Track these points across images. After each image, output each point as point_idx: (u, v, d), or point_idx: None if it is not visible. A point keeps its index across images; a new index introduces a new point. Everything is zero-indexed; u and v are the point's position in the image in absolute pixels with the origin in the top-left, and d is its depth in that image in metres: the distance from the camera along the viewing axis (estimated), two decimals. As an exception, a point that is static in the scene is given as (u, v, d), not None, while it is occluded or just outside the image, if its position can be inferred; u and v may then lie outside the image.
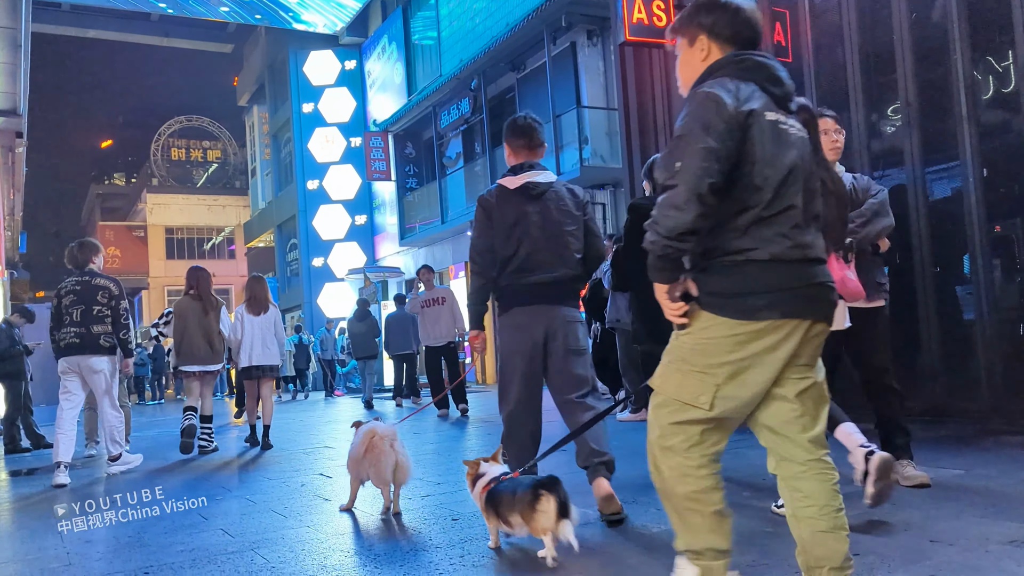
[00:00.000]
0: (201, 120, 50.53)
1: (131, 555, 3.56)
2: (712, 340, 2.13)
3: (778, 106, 2.21)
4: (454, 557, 3.15)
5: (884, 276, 4.16)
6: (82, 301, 6.31)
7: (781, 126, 2.17)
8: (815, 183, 2.23)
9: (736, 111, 2.09)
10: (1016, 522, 3.08)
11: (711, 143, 2.06)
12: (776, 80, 2.25)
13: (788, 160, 2.14)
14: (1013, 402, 5.77)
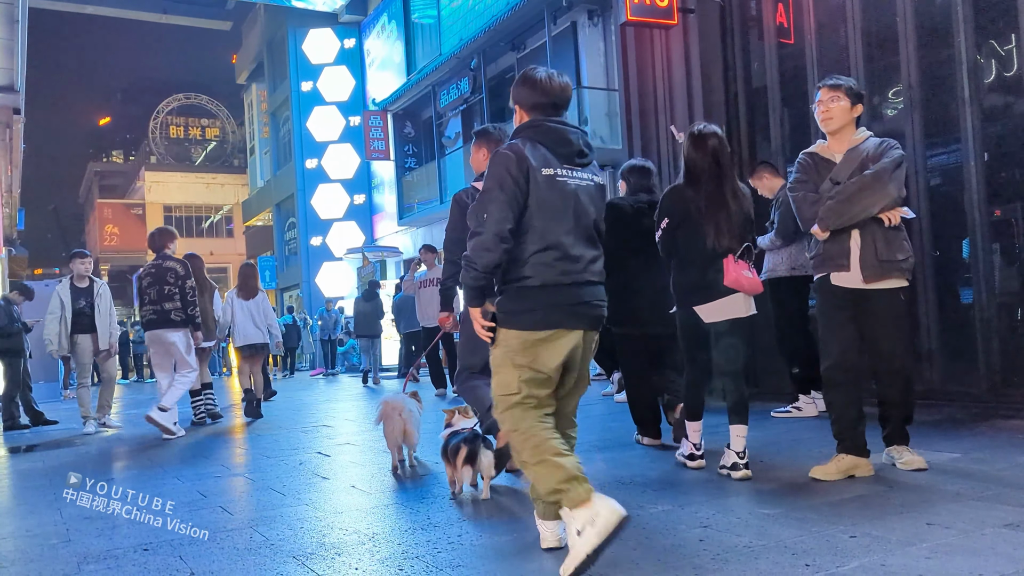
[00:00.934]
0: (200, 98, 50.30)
1: (130, 531, 3.58)
2: (510, 347, 2.77)
3: (563, 162, 2.83)
4: (452, 536, 3.16)
5: (900, 253, 3.79)
6: (157, 282, 7.29)
7: (558, 179, 2.79)
8: (595, 216, 2.91)
9: (522, 169, 2.73)
10: (1012, 506, 3.10)
11: (505, 196, 2.70)
12: (564, 141, 2.85)
13: (555, 209, 2.76)
14: (1011, 386, 5.79)
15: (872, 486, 3.56)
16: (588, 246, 2.86)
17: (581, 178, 2.88)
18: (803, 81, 7.21)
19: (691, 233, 4.08)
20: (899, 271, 3.80)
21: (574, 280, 2.79)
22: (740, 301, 4.08)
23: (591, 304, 2.85)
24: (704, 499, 3.51)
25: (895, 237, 3.79)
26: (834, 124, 3.95)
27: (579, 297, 2.80)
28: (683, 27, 7.76)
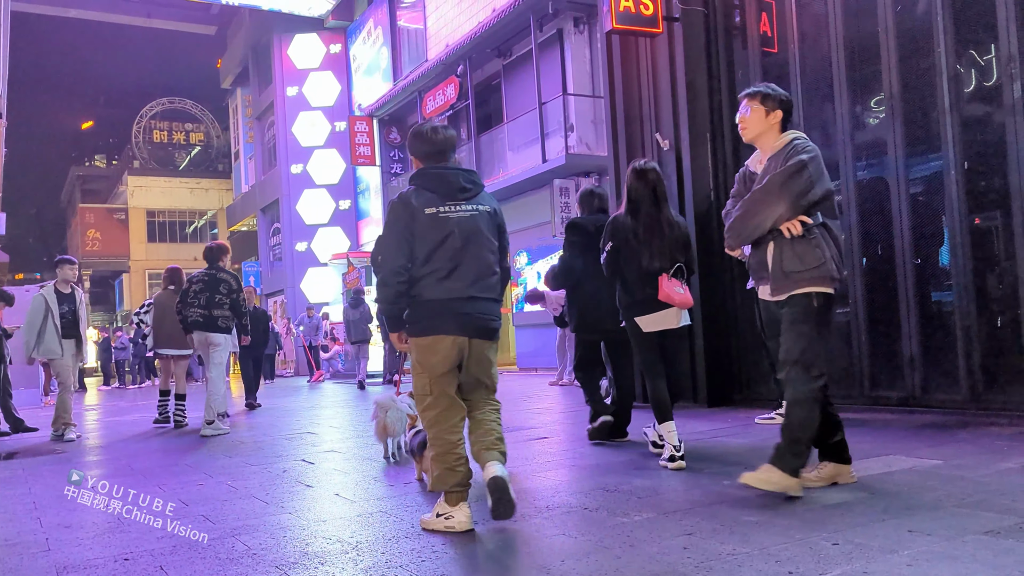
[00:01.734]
0: (184, 102, 50.00)
1: (111, 540, 3.55)
2: (415, 353, 3.43)
3: (446, 200, 3.45)
4: (436, 545, 3.15)
5: (810, 262, 3.57)
6: (208, 289, 7.99)
7: (440, 215, 3.42)
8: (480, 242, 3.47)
9: (408, 213, 3.41)
10: (993, 512, 3.12)
11: (395, 239, 3.40)
12: (445, 183, 3.49)
13: (439, 239, 3.39)
14: (991, 393, 5.84)
15: (855, 493, 3.58)
16: (473, 267, 3.44)
17: (464, 210, 3.48)
18: (786, 89, 7.21)
19: (631, 255, 4.74)
20: (808, 280, 3.60)
21: (456, 296, 3.40)
22: (673, 314, 4.75)
23: (473, 316, 3.42)
24: (688, 506, 3.51)
25: (804, 247, 3.59)
26: (749, 133, 3.88)
27: (460, 309, 3.40)
28: (668, 35, 7.80)
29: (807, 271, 3.59)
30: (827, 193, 3.65)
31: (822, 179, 3.63)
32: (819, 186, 3.60)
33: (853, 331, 6.67)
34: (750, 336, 7.59)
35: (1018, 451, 4.38)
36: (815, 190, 3.59)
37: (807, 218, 3.60)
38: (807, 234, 3.59)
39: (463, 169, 3.60)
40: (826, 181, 3.65)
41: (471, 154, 17.74)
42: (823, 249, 3.59)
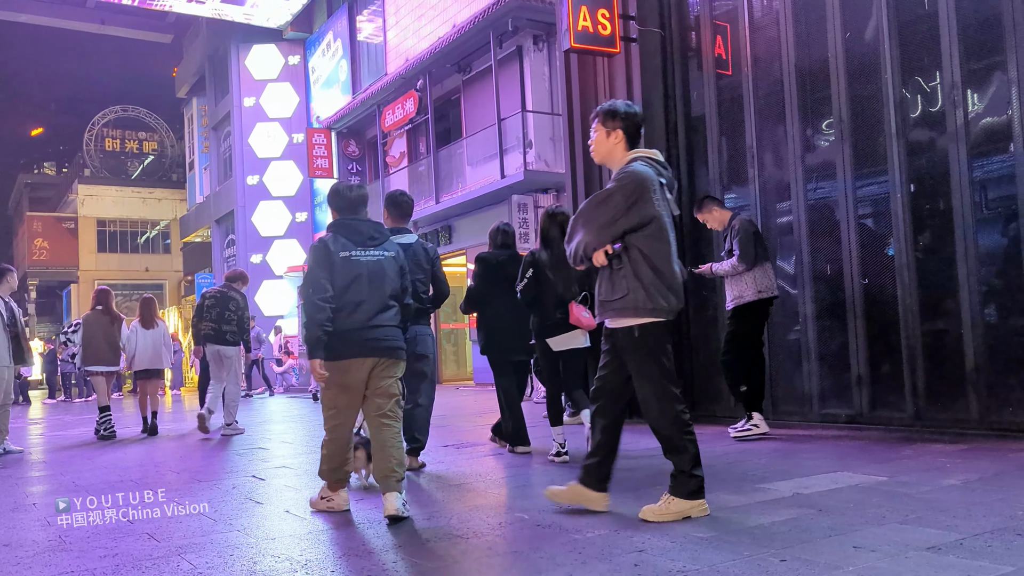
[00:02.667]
0: (138, 111, 49.16)
1: (51, 559, 3.45)
2: (327, 373, 4.01)
3: (357, 246, 4.13)
4: (387, 563, 3.13)
5: (616, 292, 3.63)
6: (218, 305, 8.89)
7: (351, 259, 4.09)
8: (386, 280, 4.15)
9: (328, 254, 4.07)
10: (935, 528, 3.19)
11: (320, 275, 4.03)
12: (356, 232, 4.17)
13: (350, 278, 4.05)
14: (935, 411, 5.98)
15: (803, 510, 3.64)
16: (376, 302, 4.10)
17: (372, 255, 4.16)
18: (740, 111, 7.39)
19: (546, 284, 5.48)
20: (617, 311, 3.64)
21: (362, 325, 4.04)
22: (579, 335, 5.63)
23: (378, 339, 4.08)
24: (640, 523, 3.53)
25: (617, 276, 3.63)
26: (597, 157, 3.86)
27: (367, 336, 4.05)
28: (625, 56, 7.90)
29: (616, 300, 3.63)
30: (646, 219, 3.58)
31: (641, 206, 3.57)
32: (634, 213, 3.57)
33: (803, 350, 6.79)
34: (704, 354, 7.68)
35: (960, 468, 4.50)
36: (627, 217, 3.57)
37: (610, 247, 3.62)
38: (614, 263, 3.63)
39: (372, 221, 4.32)
40: (648, 207, 3.57)
41: (429, 168, 17.74)
42: (630, 279, 3.59)
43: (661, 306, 3.59)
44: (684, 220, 7.83)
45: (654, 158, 3.73)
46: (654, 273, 3.58)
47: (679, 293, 3.65)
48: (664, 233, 3.61)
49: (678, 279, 3.65)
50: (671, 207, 3.73)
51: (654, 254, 3.59)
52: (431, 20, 18.37)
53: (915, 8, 6.23)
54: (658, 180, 3.65)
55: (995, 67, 5.78)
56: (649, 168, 3.65)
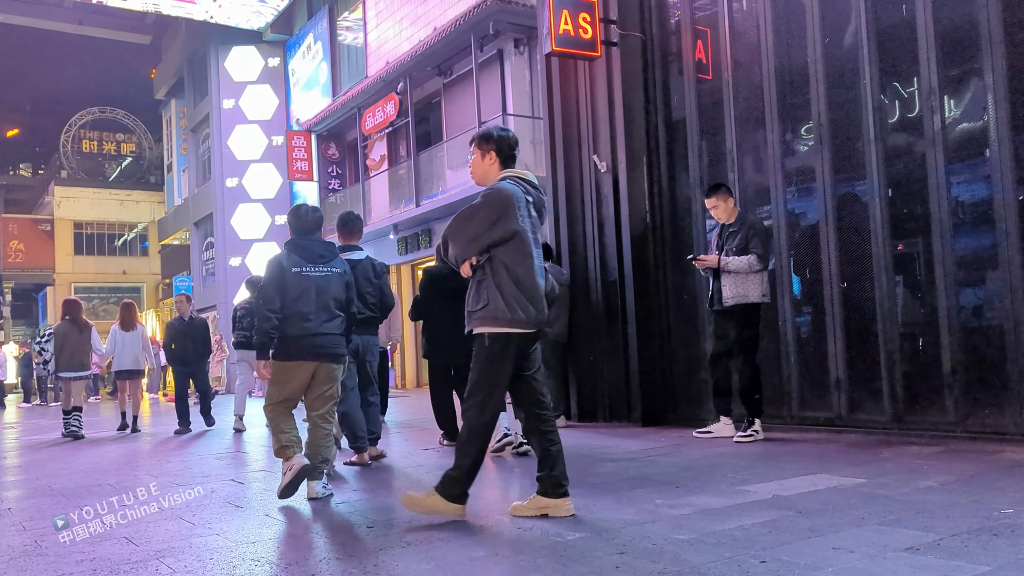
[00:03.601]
0: (115, 112, 48.68)
1: (27, 565, 3.40)
2: (274, 371, 4.71)
3: (308, 262, 4.77)
4: (368, 567, 3.11)
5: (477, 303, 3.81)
6: (248, 315, 9.49)
7: (302, 274, 4.73)
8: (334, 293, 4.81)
9: (282, 269, 4.72)
10: (912, 529, 3.22)
11: (271, 288, 4.68)
12: (308, 251, 4.82)
13: (300, 290, 4.69)
14: (913, 414, 6.04)
15: (782, 512, 3.66)
16: (323, 312, 4.72)
17: (321, 271, 4.79)
18: (720, 115, 7.44)
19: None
20: (478, 320, 3.80)
21: (309, 332, 4.66)
22: None
23: (323, 346, 4.71)
24: (621, 526, 3.54)
25: (479, 287, 3.81)
26: (475, 177, 4.04)
27: (312, 342, 4.67)
28: (606, 59, 7.93)
29: (478, 310, 3.80)
30: (509, 234, 3.75)
31: (505, 221, 3.74)
32: (498, 228, 3.73)
33: (782, 353, 6.84)
34: (684, 356, 7.72)
35: (937, 470, 4.54)
36: (491, 232, 3.73)
37: (474, 259, 3.81)
38: (478, 274, 3.81)
39: (323, 241, 5.00)
40: (511, 223, 3.74)
41: (410, 172, 17.70)
42: (491, 290, 3.75)
43: (520, 317, 3.74)
44: (663, 222, 7.87)
45: (524, 178, 3.93)
46: (515, 285, 3.74)
47: (540, 305, 3.79)
48: (526, 247, 3.79)
49: (539, 291, 3.79)
50: (535, 224, 3.90)
51: (516, 267, 3.76)
52: (412, 23, 18.35)
53: (893, 14, 6.30)
54: (525, 198, 3.84)
55: (971, 73, 5.86)
56: (516, 187, 3.86)
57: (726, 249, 6.23)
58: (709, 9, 7.75)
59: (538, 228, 3.91)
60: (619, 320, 7.85)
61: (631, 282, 7.73)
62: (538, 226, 3.92)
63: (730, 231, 6.28)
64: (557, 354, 8.06)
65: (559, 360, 8.09)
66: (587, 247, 8.22)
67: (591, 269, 8.16)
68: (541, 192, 4.00)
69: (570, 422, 8.05)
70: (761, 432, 6.13)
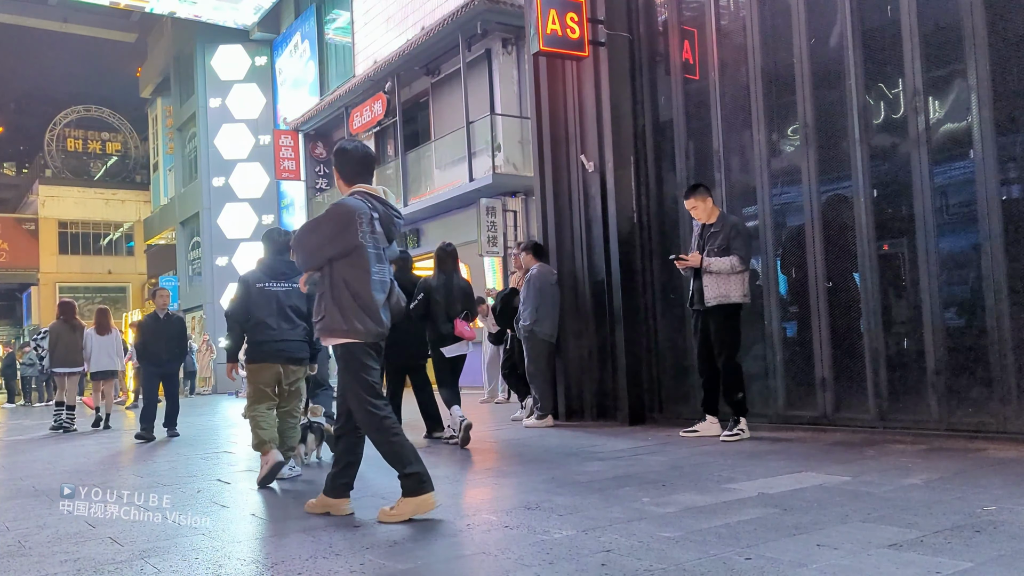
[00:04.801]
0: (101, 111, 48.38)
1: (10, 565, 3.38)
2: (249, 373, 5.49)
3: (271, 278, 5.52)
4: (354, 565, 3.11)
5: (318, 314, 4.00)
6: None
7: (266, 289, 5.48)
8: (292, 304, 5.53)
9: (248, 286, 5.48)
10: (896, 526, 3.25)
11: (239, 304, 5.50)
12: (272, 270, 5.56)
13: (264, 303, 5.43)
14: (896, 412, 6.08)
15: (768, 509, 3.68)
16: (284, 321, 5.48)
17: (281, 286, 5.53)
18: (707, 115, 7.47)
19: (437, 305, 6.92)
20: (319, 331, 4.02)
21: (272, 338, 5.44)
22: (463, 345, 7.05)
23: (284, 350, 5.48)
24: (607, 524, 3.55)
25: (320, 299, 3.99)
26: (340, 190, 4.21)
27: (275, 347, 5.44)
28: (594, 59, 7.95)
29: (319, 321, 3.98)
30: (350, 248, 3.88)
31: (345, 235, 3.88)
32: (339, 241, 3.89)
33: (768, 352, 6.87)
34: (670, 356, 7.74)
35: (921, 468, 4.57)
36: (332, 244, 3.90)
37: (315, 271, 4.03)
38: (318, 286, 3.99)
39: (287, 260, 5.50)
40: (352, 237, 3.87)
41: (398, 171, 17.67)
42: (328, 302, 3.92)
43: (357, 329, 3.88)
44: (650, 221, 7.89)
45: (371, 193, 4.06)
46: (353, 298, 3.88)
47: (377, 317, 3.92)
48: (365, 261, 3.91)
49: (376, 305, 3.92)
50: (379, 240, 4.01)
51: (355, 280, 3.89)
52: (400, 22, 18.33)
53: (878, 16, 6.34)
54: (370, 213, 3.96)
55: (955, 74, 5.90)
56: (362, 202, 3.98)
57: (708, 249, 6.26)
58: (696, 10, 7.77)
59: (382, 243, 4.03)
60: (606, 319, 7.86)
61: (618, 281, 7.75)
62: (382, 241, 4.03)
63: (712, 231, 6.31)
64: (546, 354, 8.07)
65: (547, 360, 8.10)
66: (574, 247, 8.24)
67: (578, 269, 8.17)
68: (392, 208, 4.12)
69: (557, 421, 8.06)
70: (747, 431, 6.16)
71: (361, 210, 3.93)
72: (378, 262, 3.96)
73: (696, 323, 6.47)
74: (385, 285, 4.00)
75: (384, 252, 4.03)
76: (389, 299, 4.02)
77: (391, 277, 4.09)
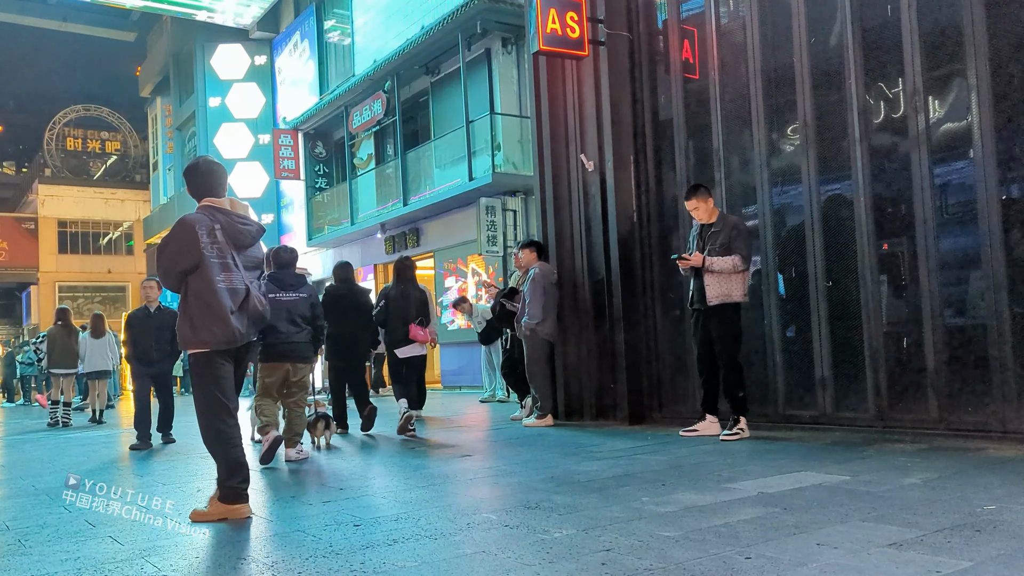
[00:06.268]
0: (100, 110, 48.36)
1: (11, 564, 3.38)
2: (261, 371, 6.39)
3: (281, 289, 6.33)
4: (354, 564, 3.11)
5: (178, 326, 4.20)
6: None
7: (277, 298, 6.10)
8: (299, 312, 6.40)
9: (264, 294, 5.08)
10: (896, 526, 3.25)
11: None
12: (283, 283, 6.39)
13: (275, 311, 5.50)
14: (896, 412, 6.08)
15: (767, 509, 3.68)
16: (291, 326, 6.31)
17: (289, 296, 6.39)
18: (707, 115, 7.47)
19: (394, 310, 7.87)
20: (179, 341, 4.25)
21: (282, 341, 6.27)
22: (417, 347, 7.94)
23: (291, 353, 6.35)
24: (608, 523, 3.55)
25: (178, 311, 4.25)
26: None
27: (285, 348, 6.31)
28: (594, 59, 7.95)
29: (178, 333, 4.20)
30: (195, 262, 4.05)
31: (188, 250, 4.06)
32: (184, 257, 4.07)
33: (768, 352, 6.87)
34: (670, 355, 7.74)
35: (920, 467, 4.58)
36: (179, 261, 4.07)
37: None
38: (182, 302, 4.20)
39: (294, 273, 6.62)
40: (195, 250, 4.04)
41: (397, 171, 17.66)
42: (181, 315, 4.15)
43: (204, 339, 4.08)
44: (649, 221, 7.89)
45: (216, 206, 4.23)
46: (202, 308, 4.06)
47: (226, 324, 4.07)
48: (209, 272, 4.06)
49: (225, 312, 4.06)
50: (224, 249, 4.14)
51: (203, 291, 4.06)
52: (399, 21, 18.31)
53: (878, 16, 6.34)
54: (211, 225, 4.12)
55: (955, 74, 5.90)
56: (203, 216, 4.16)
57: (709, 249, 6.27)
58: (696, 9, 7.77)
59: (228, 253, 4.15)
60: (605, 319, 7.87)
61: (618, 281, 7.75)
62: (228, 251, 4.15)
63: (712, 231, 6.32)
64: (546, 353, 8.08)
65: (547, 359, 8.10)
66: (574, 246, 8.24)
67: (578, 268, 8.18)
68: (237, 217, 4.25)
69: (557, 420, 8.06)
70: (747, 430, 6.16)
71: (201, 223, 4.10)
72: (224, 271, 4.11)
73: (696, 322, 6.48)
74: (237, 292, 4.14)
75: (234, 260, 4.16)
76: (245, 305, 4.16)
77: (246, 284, 4.20)
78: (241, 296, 4.15)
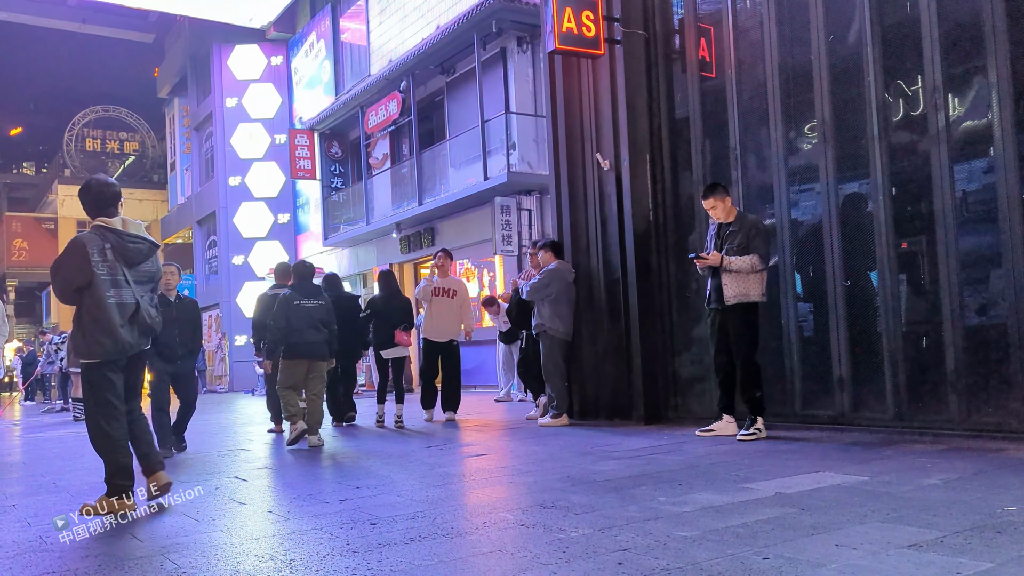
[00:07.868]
0: (118, 111, 48.73)
1: (32, 560, 3.42)
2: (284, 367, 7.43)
3: (304, 297, 7.40)
4: (371, 562, 3.12)
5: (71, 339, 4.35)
6: None
7: (301, 305, 7.33)
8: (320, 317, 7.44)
9: (287, 302, 7.37)
10: (915, 527, 3.22)
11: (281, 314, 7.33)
12: (305, 290, 7.50)
13: (298, 315, 7.29)
14: (915, 412, 6.03)
15: (785, 509, 3.66)
16: (312, 329, 7.28)
17: (311, 303, 7.36)
18: (724, 113, 7.43)
19: (380, 318, 9.08)
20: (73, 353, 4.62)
21: (304, 341, 7.26)
22: (401, 349, 9.06)
23: (312, 351, 7.33)
24: (624, 523, 3.54)
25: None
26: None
27: (306, 348, 7.28)
28: (610, 57, 7.93)
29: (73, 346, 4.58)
30: (87, 279, 4.28)
31: (80, 268, 4.29)
32: (76, 275, 4.31)
33: (785, 351, 6.83)
34: (686, 355, 7.72)
35: (940, 468, 4.54)
36: (72, 279, 4.34)
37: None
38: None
39: (314, 284, 7.67)
40: (86, 267, 4.27)
41: (412, 170, 17.70)
42: (75, 329, 4.42)
43: (94, 351, 4.33)
44: (666, 219, 7.87)
45: (108, 227, 4.44)
46: (91, 322, 4.31)
47: (115, 336, 4.32)
48: (99, 288, 4.30)
49: (114, 325, 4.31)
50: (115, 267, 4.38)
51: (94, 306, 4.30)
52: (415, 21, 18.35)
53: (897, 12, 6.29)
54: (102, 244, 4.36)
55: (976, 71, 5.85)
56: (93, 235, 4.40)
57: (727, 248, 6.24)
58: (713, 7, 7.74)
59: (119, 271, 4.39)
60: (621, 318, 7.85)
61: (634, 280, 7.73)
62: (119, 268, 4.39)
63: (730, 230, 6.29)
64: (562, 352, 8.07)
65: (563, 358, 8.10)
66: (590, 245, 8.23)
67: (594, 267, 8.16)
68: (126, 236, 4.45)
69: (572, 420, 8.05)
70: (764, 430, 6.13)
71: (92, 242, 4.34)
72: (114, 287, 4.35)
73: (713, 322, 6.45)
74: (125, 307, 4.38)
75: (125, 276, 4.40)
76: (135, 318, 4.41)
77: (136, 298, 4.43)
78: (131, 310, 4.40)
